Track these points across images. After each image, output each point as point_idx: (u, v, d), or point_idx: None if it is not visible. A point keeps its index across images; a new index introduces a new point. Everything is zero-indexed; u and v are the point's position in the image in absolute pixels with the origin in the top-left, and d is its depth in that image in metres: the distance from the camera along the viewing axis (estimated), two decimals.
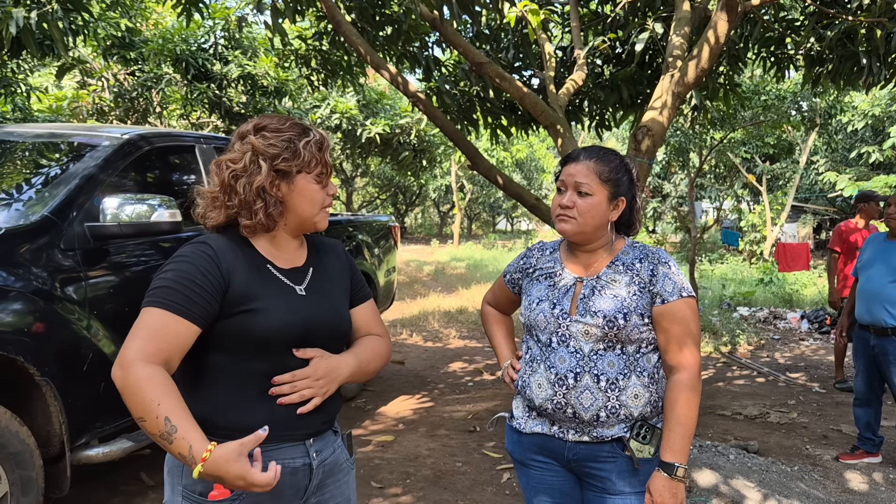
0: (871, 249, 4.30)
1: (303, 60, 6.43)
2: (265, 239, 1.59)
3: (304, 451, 1.57)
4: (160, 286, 1.45)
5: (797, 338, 8.95)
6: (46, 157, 3.47)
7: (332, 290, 1.68)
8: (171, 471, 1.53)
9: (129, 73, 9.49)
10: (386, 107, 12.34)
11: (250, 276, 1.53)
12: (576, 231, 1.83)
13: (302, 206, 1.58)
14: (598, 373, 1.77)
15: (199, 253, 1.49)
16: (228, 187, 1.53)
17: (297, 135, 1.55)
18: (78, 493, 3.57)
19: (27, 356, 2.64)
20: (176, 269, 1.47)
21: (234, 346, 1.49)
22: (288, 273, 1.60)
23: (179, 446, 1.34)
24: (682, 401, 1.74)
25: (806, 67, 5.58)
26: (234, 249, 1.54)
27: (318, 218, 1.61)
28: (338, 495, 1.67)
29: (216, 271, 1.48)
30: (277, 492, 1.51)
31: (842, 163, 19.41)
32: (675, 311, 1.77)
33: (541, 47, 4.76)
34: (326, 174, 1.60)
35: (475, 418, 5.11)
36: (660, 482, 1.73)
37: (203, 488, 1.46)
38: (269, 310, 1.50)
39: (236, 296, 1.49)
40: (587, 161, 1.82)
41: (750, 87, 10.04)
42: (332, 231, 5.33)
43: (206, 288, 1.45)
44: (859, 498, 3.75)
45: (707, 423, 5.07)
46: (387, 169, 24.64)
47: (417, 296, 12.23)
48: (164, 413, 1.34)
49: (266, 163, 1.52)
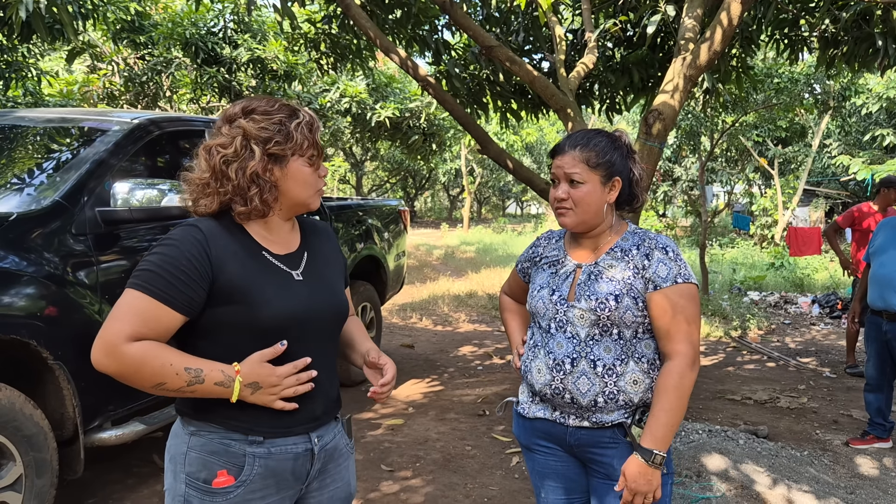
0: (884, 234, 4.27)
1: (312, 44, 6.41)
2: (258, 223, 1.56)
3: (307, 438, 1.57)
4: (144, 269, 1.42)
5: (808, 322, 8.92)
6: (57, 142, 3.48)
7: (328, 273, 1.66)
8: (174, 458, 1.52)
9: (138, 57, 9.50)
10: (395, 90, 12.30)
11: (245, 264, 1.49)
12: (576, 222, 1.83)
13: (296, 189, 1.54)
14: (595, 358, 1.77)
15: (188, 237, 1.45)
16: (220, 173, 1.49)
17: (288, 117, 1.51)
18: (91, 475, 3.61)
19: (40, 340, 2.67)
20: (162, 253, 1.43)
21: (235, 334, 1.47)
22: (284, 259, 1.57)
23: (212, 378, 1.41)
24: (671, 389, 1.72)
25: (820, 49, 5.51)
26: (226, 235, 1.50)
27: (311, 199, 1.58)
28: (338, 479, 1.67)
29: (203, 257, 1.44)
30: (280, 477, 1.52)
31: (855, 146, 19.19)
32: (668, 296, 1.75)
33: (551, 30, 4.72)
34: (318, 156, 1.57)
35: (484, 402, 5.13)
36: (636, 467, 1.71)
37: (207, 475, 1.46)
38: (270, 299, 1.48)
39: (230, 285, 1.46)
40: (573, 151, 1.80)
41: (763, 69, 9.94)
42: (342, 215, 5.33)
43: (190, 275, 1.42)
44: (869, 483, 3.75)
45: (717, 408, 5.07)
46: (396, 153, 24.63)
47: (427, 280, 12.25)
48: (181, 365, 1.39)
49: (259, 147, 1.48)
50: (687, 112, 12.05)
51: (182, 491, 1.48)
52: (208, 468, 1.46)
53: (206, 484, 1.46)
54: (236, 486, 1.47)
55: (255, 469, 1.49)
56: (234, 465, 1.48)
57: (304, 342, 1.53)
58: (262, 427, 1.50)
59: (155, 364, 1.37)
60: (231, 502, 1.46)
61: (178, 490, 1.49)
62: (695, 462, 3.67)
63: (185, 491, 1.48)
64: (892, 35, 4.79)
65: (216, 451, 1.48)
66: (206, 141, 1.54)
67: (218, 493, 1.46)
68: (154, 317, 1.40)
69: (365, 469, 3.85)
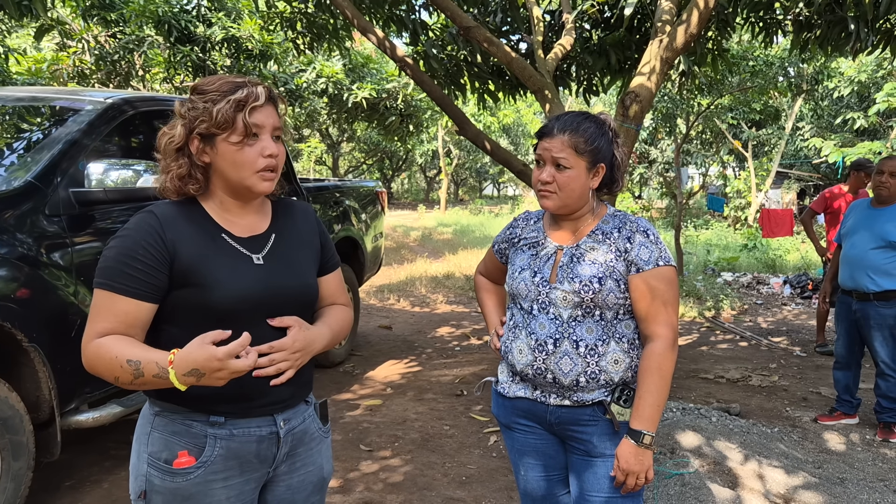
0: (855, 216, 4.34)
1: (288, 23, 6.33)
2: (213, 204, 1.55)
3: (271, 421, 1.55)
4: (104, 266, 1.44)
5: (780, 303, 9.08)
6: (28, 122, 3.42)
7: (297, 256, 1.63)
8: (138, 438, 1.54)
9: (110, 35, 9.30)
10: (372, 71, 12.21)
11: (201, 246, 1.48)
12: (558, 206, 1.84)
13: (227, 169, 1.49)
14: (577, 339, 1.79)
15: (142, 225, 1.46)
16: (163, 153, 1.52)
17: (221, 95, 1.46)
18: (69, 458, 3.59)
19: (14, 322, 2.63)
20: (118, 247, 1.44)
21: (191, 318, 1.46)
22: (245, 241, 1.55)
23: (149, 371, 1.36)
24: (653, 370, 1.76)
25: (794, 33, 5.57)
26: (184, 218, 1.50)
27: (252, 181, 1.50)
28: (309, 463, 1.65)
29: (159, 243, 1.44)
30: (244, 459, 1.51)
31: (827, 129, 19.44)
32: (649, 279, 1.78)
33: (529, 11, 4.72)
34: (249, 135, 1.48)
35: (462, 382, 5.17)
36: (626, 448, 1.77)
37: (168, 456, 1.47)
38: (222, 281, 1.47)
39: (185, 267, 1.45)
40: (561, 135, 1.80)
41: (738, 52, 10.01)
42: (319, 196, 5.31)
43: (147, 262, 1.43)
44: (837, 457, 3.85)
45: (690, 387, 5.15)
46: (373, 134, 24.46)
47: (404, 261, 12.25)
48: (124, 358, 1.37)
49: (184, 127, 1.48)
50: (663, 94, 12.11)
51: (144, 470, 1.49)
52: (170, 448, 1.47)
53: (167, 464, 1.47)
54: (196, 467, 1.47)
55: (216, 450, 1.48)
56: (195, 446, 1.48)
57: (263, 325, 1.50)
58: (223, 408, 1.49)
59: (106, 359, 1.39)
60: (192, 483, 1.46)
61: (141, 469, 1.50)
62: (669, 439, 3.74)
63: (146, 470, 1.49)
64: (864, 19, 4.85)
65: (178, 431, 1.49)
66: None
67: (178, 474, 1.46)
68: (122, 311, 1.42)
69: (344, 449, 3.87)
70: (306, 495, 1.67)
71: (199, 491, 1.47)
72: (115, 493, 3.28)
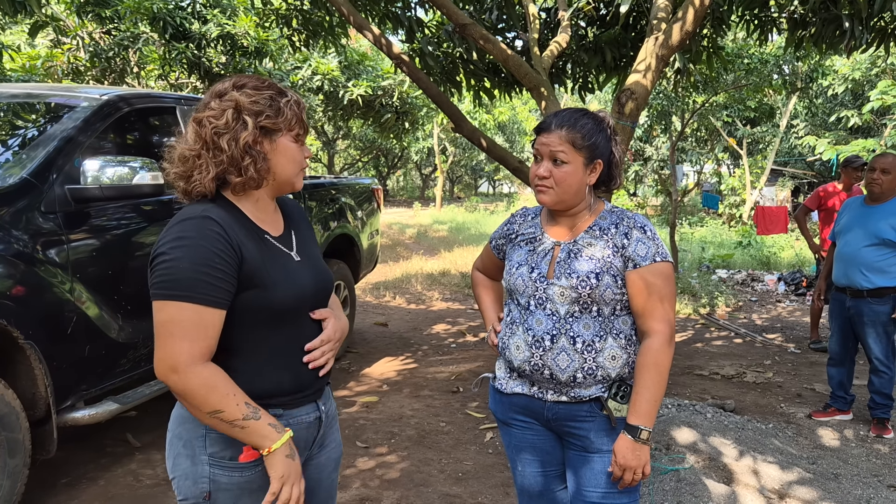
0: (849, 214, 4.36)
1: (283, 20, 6.32)
2: (251, 203, 1.56)
3: (315, 407, 1.64)
4: (177, 277, 1.39)
5: (774, 299, 9.11)
6: (23, 119, 3.41)
7: (314, 250, 1.70)
8: (189, 442, 1.52)
9: (104, 31, 9.27)
10: (368, 68, 12.18)
11: (256, 248, 1.51)
12: (555, 201, 1.84)
13: (284, 164, 1.55)
14: (575, 335, 1.80)
15: (208, 232, 1.43)
16: (212, 144, 1.48)
17: (277, 93, 1.54)
18: (65, 455, 3.59)
19: (10, 319, 2.63)
20: (191, 255, 1.40)
21: (251, 319, 1.49)
22: (280, 240, 1.60)
23: (260, 426, 1.43)
24: (650, 366, 1.77)
25: (789, 31, 5.58)
26: (233, 221, 1.50)
27: (297, 178, 1.60)
28: (332, 441, 1.74)
29: (230, 249, 1.44)
30: (297, 446, 1.56)
31: (821, 127, 19.50)
32: (646, 275, 1.79)
33: (525, 8, 4.72)
34: (303, 135, 1.60)
35: (458, 379, 5.17)
36: (624, 444, 1.78)
37: (233, 453, 1.49)
38: (282, 281, 1.52)
39: (251, 270, 1.47)
40: (559, 130, 1.81)
41: (733, 50, 10.03)
42: (315, 194, 5.30)
43: (226, 270, 1.43)
44: (830, 453, 3.87)
45: (685, 383, 5.17)
46: (369, 131, 24.44)
47: (400, 258, 12.25)
48: (243, 399, 1.42)
49: (251, 118, 1.49)
50: (658, 92, 12.13)
51: (206, 472, 1.50)
52: (233, 445, 1.49)
53: (233, 461, 1.50)
54: (260, 460, 1.50)
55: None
56: None
57: (306, 319, 1.60)
58: (281, 400, 1.55)
59: (220, 392, 1.40)
60: (258, 475, 1.51)
61: (201, 472, 1.50)
62: (664, 435, 3.76)
63: (209, 472, 1.50)
64: (858, 17, 4.86)
65: None
66: (196, 114, 1.52)
67: (246, 467, 1.50)
68: (211, 323, 1.42)
69: None
70: (329, 472, 1.75)
71: (266, 481, 1.50)
72: (112, 490, 3.28)
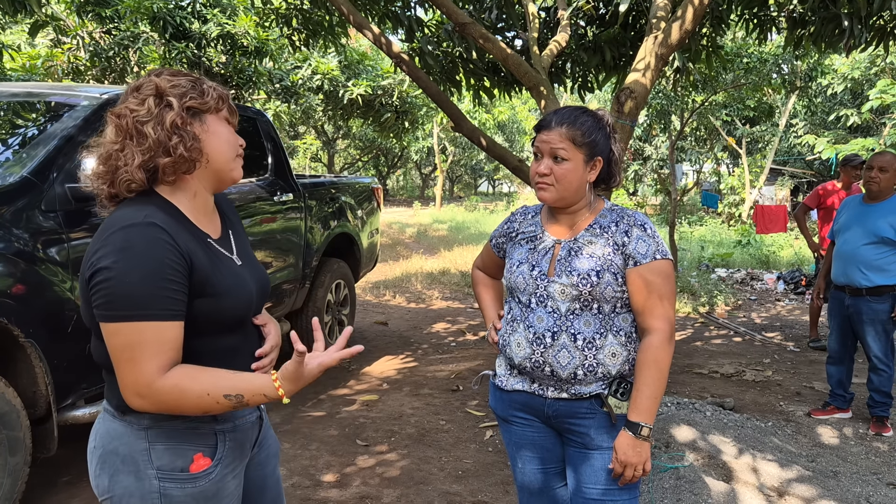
0: (848, 212, 4.37)
1: (283, 20, 6.32)
2: (187, 198, 1.46)
3: (257, 407, 1.62)
4: (128, 294, 1.30)
5: (773, 298, 9.12)
6: (24, 117, 3.42)
7: (250, 250, 1.65)
8: (128, 458, 1.42)
9: (104, 31, 9.27)
10: (368, 68, 12.18)
11: (204, 254, 1.43)
12: (556, 198, 1.85)
13: (217, 145, 1.45)
14: (575, 332, 1.81)
15: (156, 241, 1.33)
16: (135, 132, 1.38)
17: (197, 80, 1.46)
18: (65, 454, 3.59)
19: (11, 318, 2.64)
20: (141, 268, 1.30)
21: (201, 328, 1.42)
22: (220, 242, 1.52)
23: (255, 400, 1.38)
24: (650, 363, 1.78)
25: (788, 30, 5.59)
26: (175, 223, 1.40)
27: (234, 166, 1.50)
28: (268, 437, 1.71)
29: (180, 258, 1.35)
30: (243, 448, 1.56)
31: (821, 126, 19.52)
32: (647, 273, 1.80)
33: (524, 7, 4.72)
34: (233, 119, 1.50)
35: (458, 378, 5.18)
36: (624, 441, 1.79)
37: (183, 463, 1.43)
38: (230, 288, 1.45)
39: (201, 278, 1.40)
40: (559, 128, 1.82)
41: (732, 49, 10.04)
42: (315, 193, 5.31)
43: (179, 280, 1.34)
44: (830, 451, 3.88)
45: (685, 381, 5.18)
46: (368, 131, 24.45)
47: (400, 258, 12.26)
48: (219, 393, 1.34)
49: (175, 99, 1.40)
50: (657, 91, 12.14)
51: (156, 487, 1.41)
52: (182, 456, 1.43)
53: (184, 472, 1.43)
54: (214, 466, 1.46)
55: (226, 445, 1.50)
56: (206, 447, 1.46)
57: (249, 324, 1.58)
58: None
59: (193, 397, 1.33)
60: (212, 482, 1.46)
61: (149, 488, 1.41)
62: (664, 433, 3.77)
63: (159, 486, 1.41)
64: (857, 16, 4.87)
65: (184, 437, 1.44)
66: (113, 110, 1.42)
67: (199, 477, 1.44)
68: (171, 338, 1.33)
69: (340, 444, 3.88)
70: (273, 467, 1.73)
71: (219, 488, 1.47)
72: None
